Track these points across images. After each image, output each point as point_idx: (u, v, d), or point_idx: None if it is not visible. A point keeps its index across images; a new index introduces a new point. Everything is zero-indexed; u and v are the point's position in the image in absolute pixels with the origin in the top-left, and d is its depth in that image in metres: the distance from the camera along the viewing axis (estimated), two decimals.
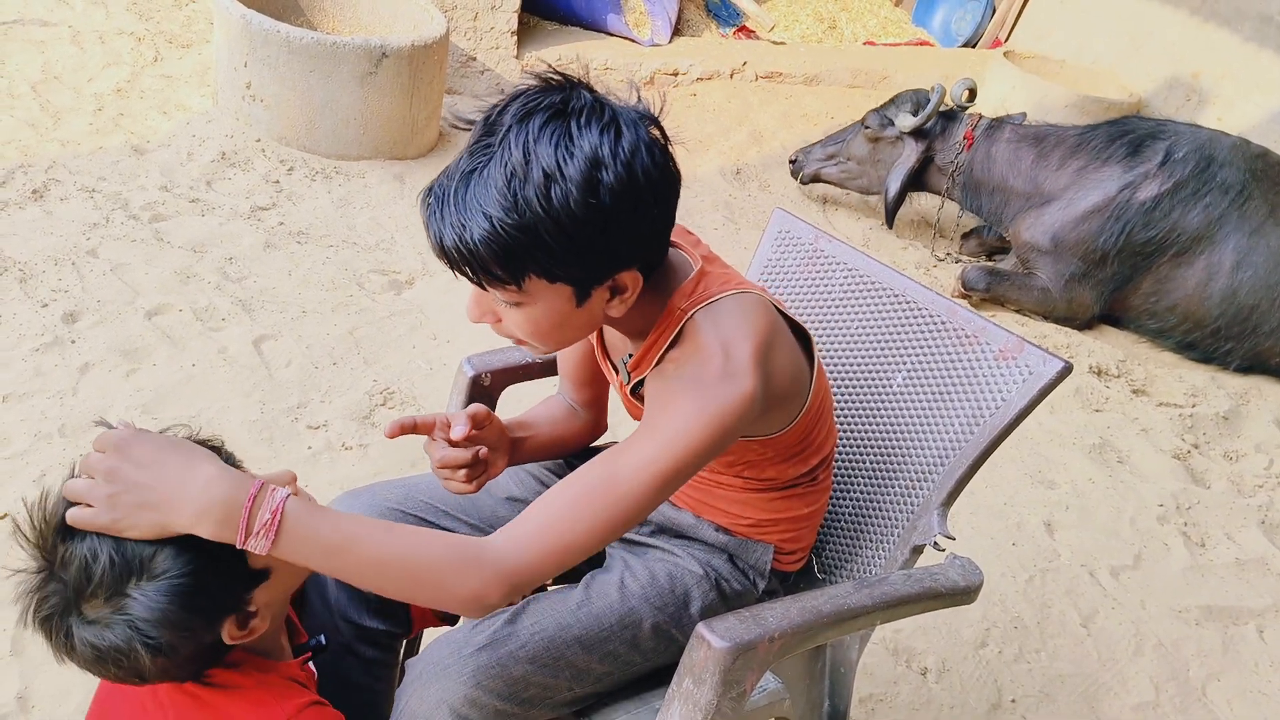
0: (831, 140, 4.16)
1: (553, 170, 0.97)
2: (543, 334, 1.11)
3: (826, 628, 1.14)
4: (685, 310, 1.14)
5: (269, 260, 3.05)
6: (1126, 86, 5.44)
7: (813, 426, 1.28)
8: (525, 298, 1.05)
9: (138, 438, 0.94)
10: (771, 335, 1.13)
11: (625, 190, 0.99)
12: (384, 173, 3.68)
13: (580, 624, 1.25)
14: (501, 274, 1.01)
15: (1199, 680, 2.33)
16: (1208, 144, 3.56)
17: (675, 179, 1.08)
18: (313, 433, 2.43)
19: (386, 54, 3.54)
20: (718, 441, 1.07)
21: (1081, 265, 3.63)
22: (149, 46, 4.18)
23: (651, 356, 1.17)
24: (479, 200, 0.98)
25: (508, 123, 1.00)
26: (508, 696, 1.17)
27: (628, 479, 1.04)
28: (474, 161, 1.00)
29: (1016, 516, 2.71)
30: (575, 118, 1.00)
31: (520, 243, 0.98)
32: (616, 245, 1.03)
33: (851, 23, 6.21)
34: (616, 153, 0.99)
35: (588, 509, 1.04)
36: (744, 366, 1.08)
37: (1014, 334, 1.39)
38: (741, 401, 1.07)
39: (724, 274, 1.20)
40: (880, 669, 2.15)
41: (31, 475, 2.12)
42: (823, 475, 1.36)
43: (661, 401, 1.10)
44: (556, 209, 0.97)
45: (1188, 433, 3.27)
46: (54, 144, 3.36)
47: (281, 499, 0.94)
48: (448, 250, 1.02)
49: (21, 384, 2.35)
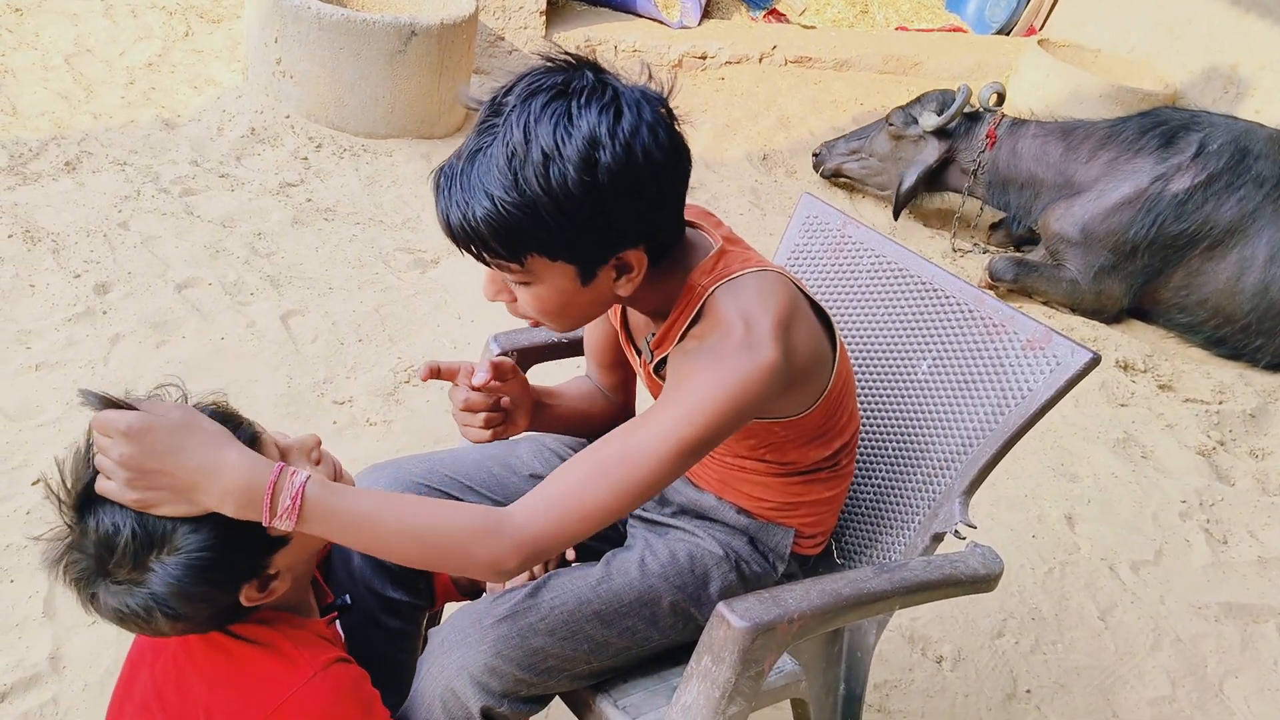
0: (855, 136, 4.15)
1: (551, 150, 0.98)
2: (552, 313, 1.12)
3: (846, 611, 1.15)
4: (706, 287, 1.14)
5: (297, 236, 3.07)
6: (1163, 77, 5.36)
7: (835, 409, 1.28)
8: (530, 276, 1.07)
9: (150, 425, 0.93)
10: (792, 310, 1.14)
11: (623, 170, 1.00)
12: (411, 151, 3.70)
13: (600, 599, 1.26)
14: (503, 252, 1.03)
15: (1217, 677, 2.32)
16: (1243, 136, 3.51)
17: (682, 158, 1.08)
18: (338, 408, 2.45)
19: (416, 32, 3.55)
20: (738, 412, 1.07)
21: (1111, 257, 3.60)
22: (180, 21, 4.21)
23: (674, 334, 1.18)
24: (482, 179, 1.00)
25: (512, 103, 1.02)
26: (527, 666, 1.19)
27: (646, 449, 1.05)
28: (479, 141, 1.02)
29: (1037, 509, 2.70)
30: (576, 98, 1.01)
31: (520, 221, 1.00)
32: (617, 224, 1.04)
33: (884, 7, 6.15)
34: (615, 133, 1.00)
35: (605, 479, 1.05)
36: (765, 337, 1.08)
37: (1042, 324, 1.38)
38: (763, 371, 1.07)
39: (745, 253, 1.20)
40: (896, 656, 2.16)
41: (64, 442, 2.15)
42: (845, 460, 1.36)
43: (682, 374, 1.11)
44: (555, 188, 0.99)
45: (1213, 429, 3.24)
46: (86, 116, 3.40)
47: (301, 483, 0.95)
48: (453, 228, 1.04)
49: (54, 353, 2.39)
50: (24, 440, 2.15)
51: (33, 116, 3.32)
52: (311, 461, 1.09)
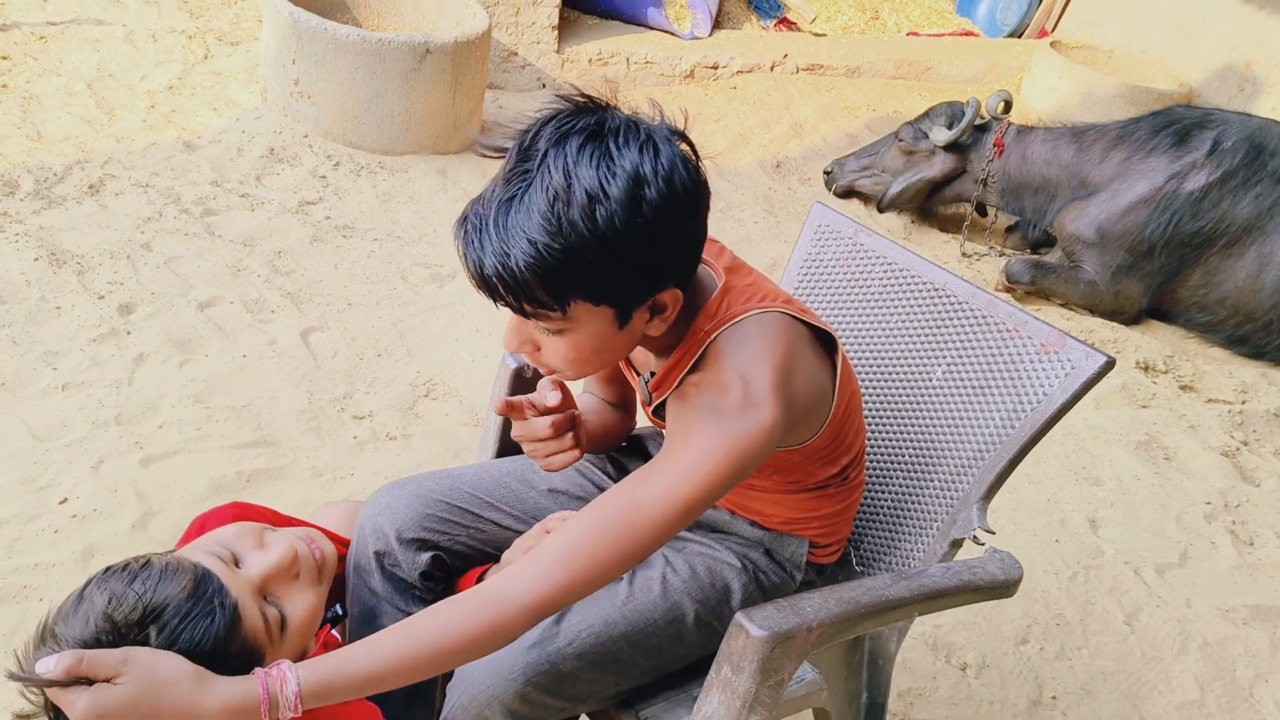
0: (865, 152, 4.16)
1: (596, 191, 0.97)
2: (584, 360, 1.10)
3: (864, 619, 1.15)
4: (708, 333, 1.14)
5: (316, 254, 3.11)
6: (1177, 76, 5.33)
7: (840, 429, 1.28)
8: (568, 324, 1.04)
9: (104, 711, 0.88)
10: (792, 358, 1.13)
11: (667, 206, 1.00)
12: (427, 167, 3.73)
13: (626, 620, 1.27)
14: (546, 299, 1.01)
15: (1246, 680, 2.30)
16: (1257, 133, 3.49)
17: (707, 192, 1.09)
18: (358, 423, 2.48)
19: (430, 50, 3.58)
20: (738, 472, 1.07)
21: (1128, 257, 3.58)
22: (199, 44, 4.27)
23: (673, 379, 1.17)
24: (521, 226, 0.97)
25: (543, 147, 0.99)
26: (557, 693, 1.20)
27: (648, 510, 1.04)
28: (511, 189, 0.99)
29: (1060, 513, 2.69)
30: (613, 137, 0.99)
31: (566, 265, 0.98)
32: (660, 261, 1.03)
33: (894, 13, 6.15)
34: (657, 169, 0.99)
35: (608, 541, 1.04)
36: (763, 396, 1.07)
37: (1055, 328, 1.38)
38: (761, 433, 1.07)
39: (748, 288, 1.19)
40: (920, 663, 2.15)
41: (90, 462, 2.19)
42: (854, 473, 1.36)
43: (682, 430, 1.10)
44: (602, 229, 0.97)
45: (1237, 429, 3.21)
46: (109, 140, 3.45)
47: (295, 690, 0.92)
48: (488, 278, 1.00)
49: (80, 373, 2.43)
50: (51, 460, 2.18)
51: (57, 141, 3.37)
52: (293, 579, 1.07)
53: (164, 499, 2.15)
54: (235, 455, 2.30)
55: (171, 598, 0.95)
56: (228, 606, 0.97)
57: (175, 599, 0.95)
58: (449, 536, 1.39)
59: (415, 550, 1.38)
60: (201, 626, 0.94)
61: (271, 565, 1.05)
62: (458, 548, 1.41)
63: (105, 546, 2.01)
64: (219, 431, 2.35)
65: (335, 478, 2.30)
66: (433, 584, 1.40)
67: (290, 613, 1.05)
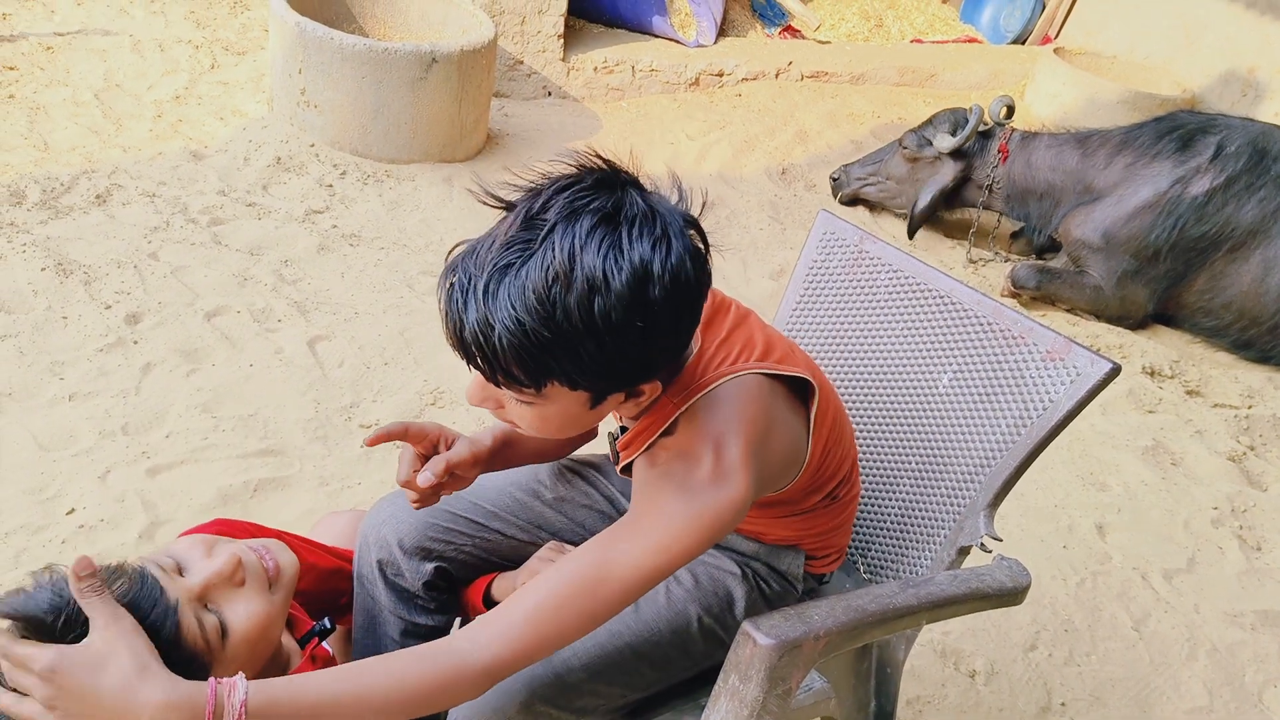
0: (870, 160, 4.17)
1: (598, 280, 0.91)
2: (547, 430, 1.08)
3: (872, 627, 1.15)
4: (678, 405, 1.11)
5: (323, 263, 3.12)
6: (1180, 82, 5.33)
7: (819, 467, 1.25)
8: (539, 399, 1.01)
9: (60, 668, 0.88)
10: (765, 425, 1.11)
11: (668, 306, 0.95)
12: (433, 175, 3.74)
13: (631, 630, 1.27)
14: (521, 377, 0.97)
15: (1255, 686, 2.29)
16: (1261, 137, 3.49)
17: (709, 285, 1.04)
18: (365, 431, 2.48)
19: (436, 59, 3.60)
20: (706, 543, 1.06)
21: (1134, 262, 3.58)
22: (206, 54, 4.29)
23: (640, 443, 1.14)
24: (511, 300, 0.92)
25: (552, 219, 0.94)
26: (563, 705, 1.20)
27: (614, 580, 1.03)
28: (510, 255, 0.93)
29: (1068, 519, 2.68)
30: (627, 226, 0.93)
31: (550, 351, 0.93)
32: (649, 359, 1.00)
33: (898, 20, 6.16)
34: (666, 266, 0.94)
35: (572, 608, 1.02)
36: (733, 468, 1.05)
37: (1061, 335, 1.38)
38: (731, 506, 1.05)
39: (721, 347, 1.15)
40: (928, 671, 2.15)
41: (96, 472, 2.20)
42: (843, 491, 1.34)
43: (650, 498, 1.08)
44: (596, 322, 0.92)
45: (1243, 434, 3.20)
46: (116, 150, 3.47)
47: (240, 702, 0.90)
48: (465, 342, 0.96)
49: (87, 383, 2.44)
50: (58, 470, 2.19)
51: (64, 151, 3.39)
52: (235, 585, 1.06)
53: (171, 508, 2.15)
54: (242, 464, 2.30)
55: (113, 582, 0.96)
56: (170, 606, 0.97)
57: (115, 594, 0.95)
58: (453, 546, 1.39)
59: (419, 560, 1.38)
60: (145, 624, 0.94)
61: (211, 572, 1.05)
62: (462, 557, 1.41)
63: (112, 556, 2.00)
64: (226, 441, 2.36)
65: (342, 487, 2.31)
66: (436, 594, 1.40)
67: (231, 620, 1.04)
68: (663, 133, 4.57)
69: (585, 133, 4.43)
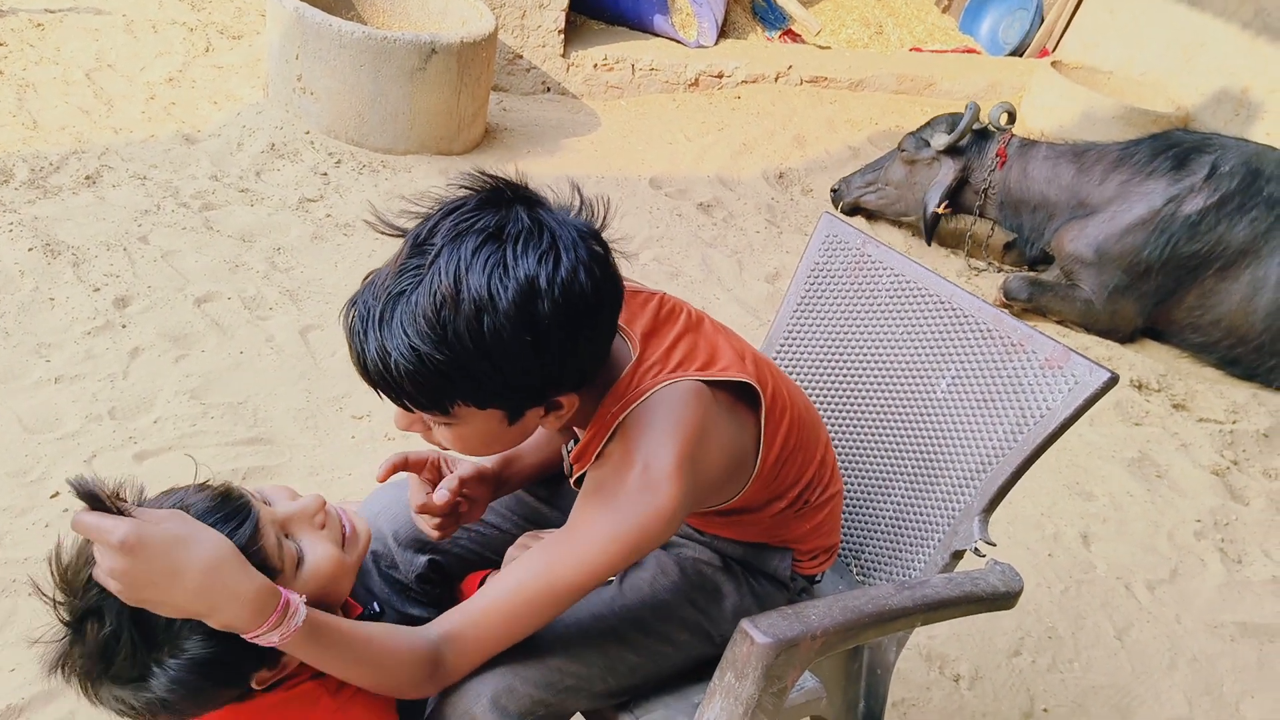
0: (870, 168, 4.18)
1: (484, 301, 0.92)
2: (472, 449, 1.09)
3: (868, 627, 1.15)
4: (615, 415, 1.11)
5: (316, 251, 3.10)
6: (1174, 99, 5.37)
7: (773, 477, 1.25)
8: (453, 420, 1.02)
9: (143, 541, 0.89)
10: (701, 431, 1.10)
11: (560, 320, 0.95)
12: (430, 167, 3.73)
13: (614, 615, 1.27)
14: (426, 403, 0.99)
15: (1233, 696, 2.31)
16: (1254, 158, 3.53)
17: (617, 288, 1.04)
18: (356, 422, 2.47)
19: (436, 50, 3.58)
20: (636, 553, 1.08)
21: (1125, 278, 3.60)
22: (201, 37, 4.26)
23: (589, 455, 1.15)
24: (404, 327, 0.93)
25: (439, 243, 0.95)
26: (544, 686, 1.19)
27: (548, 589, 1.08)
28: (400, 283, 0.95)
29: (1053, 527, 2.69)
30: (511, 244, 0.94)
31: (446, 375, 0.95)
32: (551, 372, 0.99)
33: (898, 28, 6.18)
34: (554, 280, 0.94)
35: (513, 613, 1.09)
36: (662, 478, 1.06)
37: (1060, 343, 1.39)
38: (660, 515, 1.06)
39: (662, 357, 1.14)
40: (913, 674, 2.15)
41: (82, 455, 2.17)
42: (813, 495, 1.33)
43: (582, 509, 1.11)
44: (488, 343, 0.93)
45: (1227, 449, 3.23)
46: (107, 131, 3.44)
47: (295, 627, 0.95)
48: (369, 372, 0.98)
49: (73, 366, 2.41)
50: (43, 453, 2.17)
51: (53, 130, 3.36)
52: (316, 526, 1.08)
53: None
54: (231, 452, 2.29)
55: (198, 503, 0.99)
56: (250, 518, 1.00)
57: (199, 504, 0.99)
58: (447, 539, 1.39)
59: (413, 552, 1.38)
60: (226, 529, 0.97)
61: (296, 507, 1.08)
62: (456, 550, 1.41)
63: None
64: (214, 428, 2.34)
65: (332, 477, 2.29)
66: (429, 587, 1.39)
67: (307, 554, 1.06)
68: (661, 132, 4.57)
69: (583, 129, 4.42)
